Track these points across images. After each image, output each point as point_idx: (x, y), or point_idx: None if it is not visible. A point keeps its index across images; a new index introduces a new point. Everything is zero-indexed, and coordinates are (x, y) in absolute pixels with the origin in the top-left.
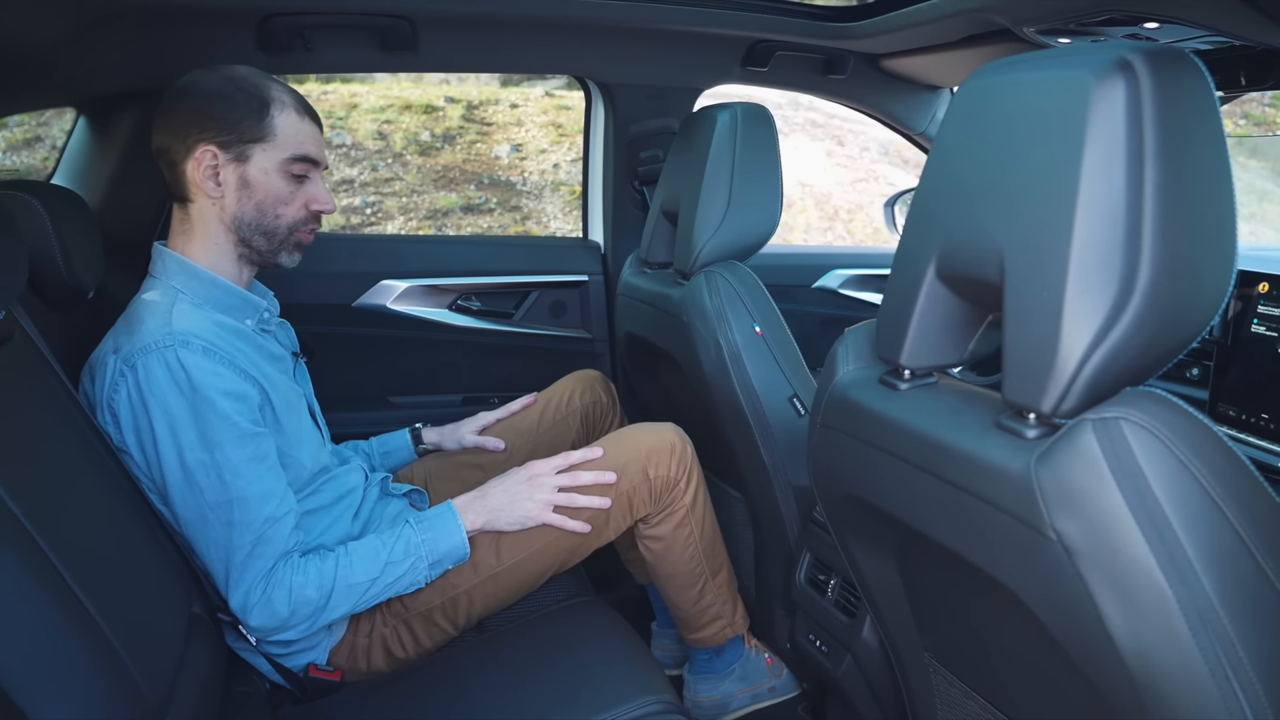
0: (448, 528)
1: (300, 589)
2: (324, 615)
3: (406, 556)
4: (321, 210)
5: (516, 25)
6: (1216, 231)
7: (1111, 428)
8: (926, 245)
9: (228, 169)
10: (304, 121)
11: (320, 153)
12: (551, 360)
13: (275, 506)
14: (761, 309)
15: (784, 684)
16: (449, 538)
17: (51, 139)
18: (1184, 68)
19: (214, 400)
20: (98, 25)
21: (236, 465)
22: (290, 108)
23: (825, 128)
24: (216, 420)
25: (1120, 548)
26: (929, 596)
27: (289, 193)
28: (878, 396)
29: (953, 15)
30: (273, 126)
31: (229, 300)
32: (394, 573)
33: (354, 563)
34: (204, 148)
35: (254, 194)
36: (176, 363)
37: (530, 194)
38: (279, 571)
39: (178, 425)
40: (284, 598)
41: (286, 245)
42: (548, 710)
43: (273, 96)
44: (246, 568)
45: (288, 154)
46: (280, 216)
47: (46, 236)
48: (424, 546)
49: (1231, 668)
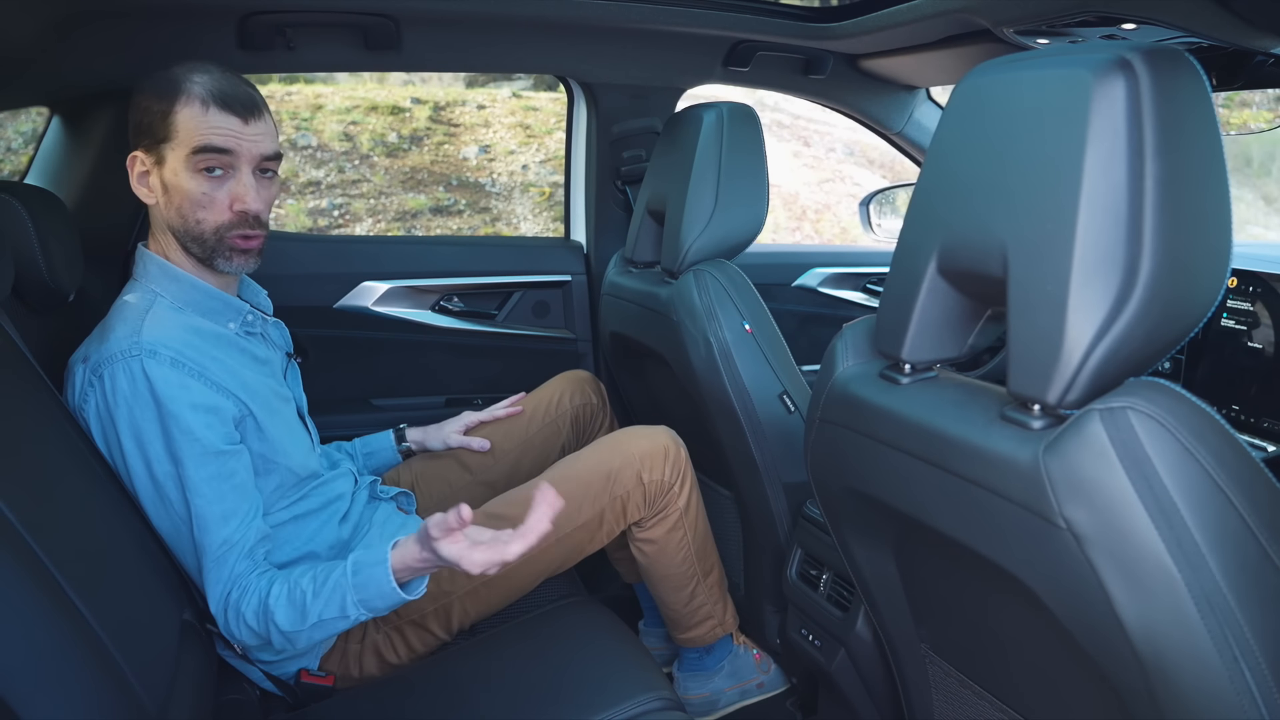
0: (382, 589)
1: (243, 617)
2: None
3: (343, 615)
4: (243, 209)
5: (500, 25)
6: (1213, 225)
7: (1119, 417)
8: (927, 241)
9: (154, 173)
10: (210, 111)
11: (231, 142)
12: (535, 360)
13: (233, 529)
14: (751, 307)
15: (772, 680)
16: (384, 598)
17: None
18: (1180, 66)
19: (178, 414)
20: (73, 24)
21: (196, 483)
22: (196, 99)
23: (791, 128)
24: (180, 435)
25: (1129, 534)
26: (926, 588)
27: (203, 194)
28: (879, 391)
29: (933, 16)
30: (174, 122)
31: (209, 303)
32: (333, 627)
33: (279, 606)
34: (133, 154)
35: (173, 198)
36: (141, 374)
37: (499, 195)
38: (234, 596)
39: (143, 437)
40: (235, 622)
41: (221, 251)
42: (546, 712)
43: (182, 90)
44: (210, 589)
45: (188, 149)
46: (201, 221)
47: (28, 238)
48: (359, 605)
49: (1239, 648)
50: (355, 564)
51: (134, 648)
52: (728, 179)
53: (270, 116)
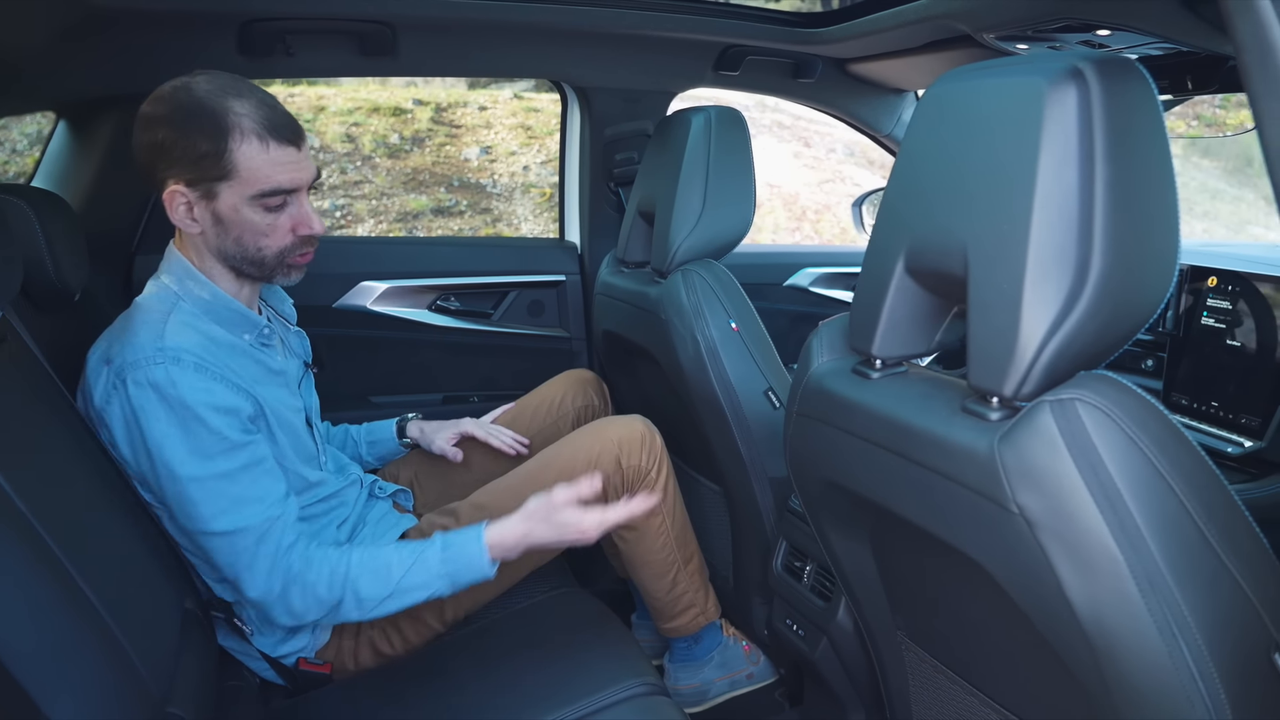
0: (473, 562)
1: (312, 586)
2: (336, 616)
3: (426, 585)
4: (309, 233)
5: (494, 30)
6: (1161, 226)
7: (1068, 408)
8: (895, 242)
9: (199, 206)
10: (269, 149)
11: (296, 178)
12: (530, 359)
13: (272, 507)
14: (737, 305)
15: (761, 670)
16: (473, 571)
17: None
18: (1130, 75)
19: (204, 417)
20: (78, 30)
21: (232, 473)
22: (252, 135)
23: (792, 129)
24: (207, 435)
25: (1076, 518)
26: (901, 577)
27: (267, 224)
28: (851, 385)
29: (916, 22)
30: (234, 162)
31: (226, 314)
32: (412, 596)
33: (364, 571)
34: (172, 186)
35: (230, 230)
36: (167, 379)
37: (500, 196)
38: (293, 566)
39: (170, 440)
40: (298, 594)
41: (280, 270)
42: (535, 696)
43: (231, 124)
44: (255, 568)
45: (254, 190)
46: (264, 248)
47: (35, 239)
48: (448, 577)
49: (1177, 626)
50: (445, 540)
51: (139, 634)
52: (715, 180)
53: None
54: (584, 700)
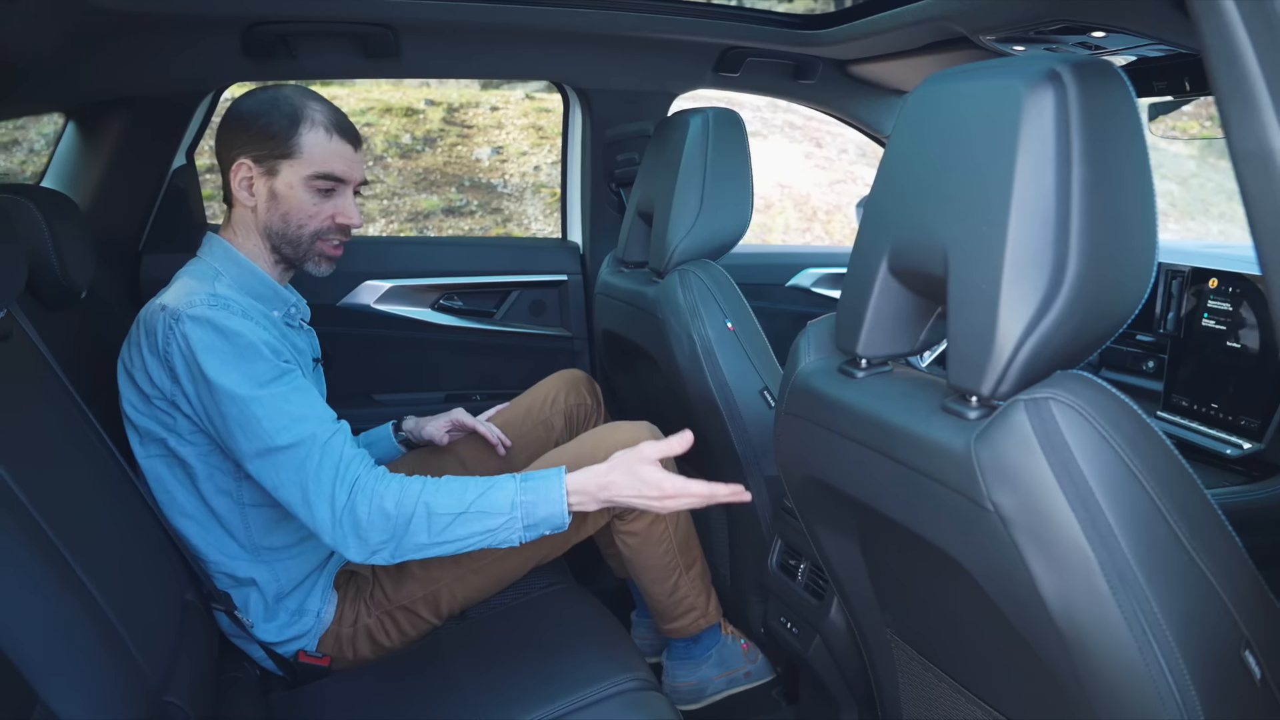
0: (550, 495)
1: (379, 499)
2: (404, 538)
3: (500, 511)
4: (346, 223)
5: (496, 32)
6: (1138, 228)
7: (1041, 407)
8: (879, 242)
9: (260, 181)
10: (333, 140)
11: (349, 171)
12: (532, 358)
13: (330, 423)
14: (733, 305)
15: (759, 669)
16: (549, 505)
17: (29, 142)
18: (1108, 79)
19: (256, 345)
20: (85, 34)
21: (287, 393)
22: (320, 126)
23: (804, 129)
24: (259, 361)
25: (1049, 515)
26: (888, 574)
27: (313, 205)
28: (836, 384)
29: (914, 24)
30: (300, 144)
31: (262, 290)
32: (483, 523)
33: (439, 490)
34: (240, 160)
35: (280, 205)
36: (221, 315)
37: (511, 196)
38: (360, 478)
39: (228, 366)
40: (365, 504)
41: (311, 255)
42: (528, 689)
43: (305, 115)
44: (321, 478)
45: (311, 170)
46: (303, 227)
47: (42, 238)
48: (523, 507)
49: (1147, 622)
50: (524, 475)
51: (137, 624)
52: (713, 182)
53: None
54: (575, 694)
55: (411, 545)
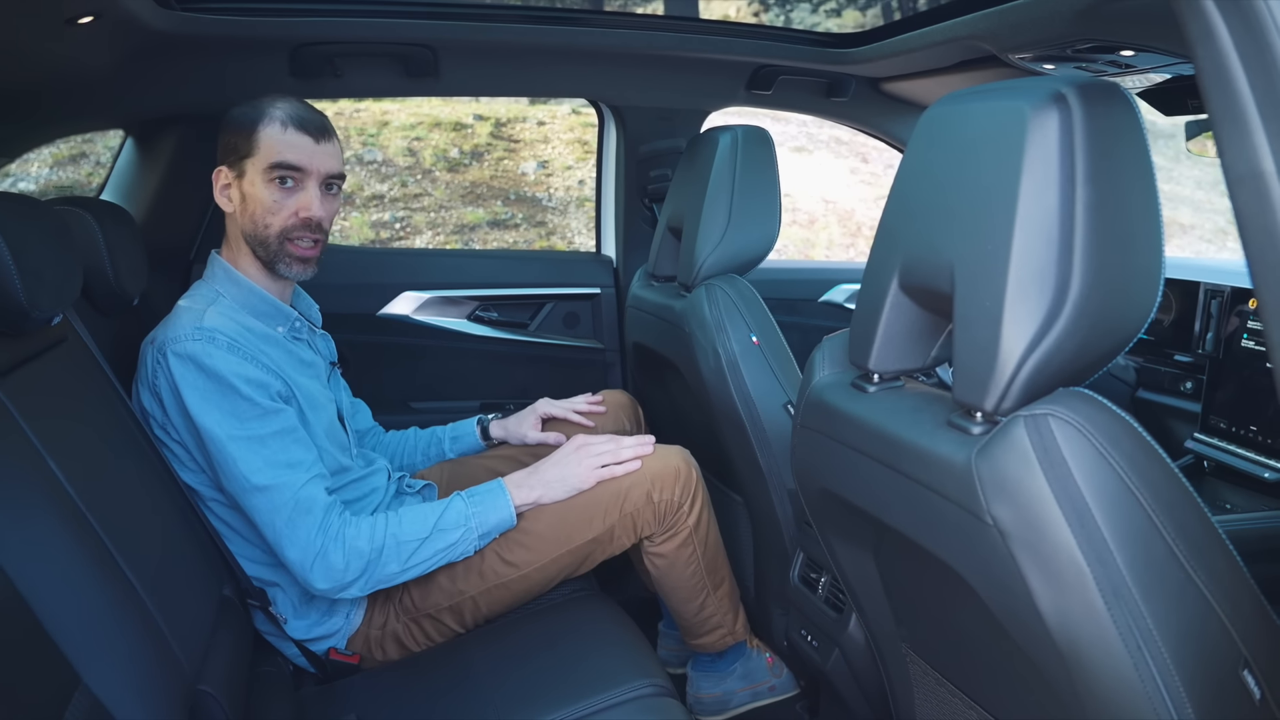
0: (497, 502)
1: (352, 540)
2: (376, 570)
3: (456, 526)
4: (309, 216)
5: (532, 52)
6: (1144, 249)
7: (1040, 423)
8: (890, 259)
9: (234, 185)
10: (288, 132)
11: (307, 161)
12: (565, 369)
13: (309, 470)
14: (758, 320)
15: (784, 683)
16: (498, 511)
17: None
18: (1114, 100)
19: (235, 385)
20: (145, 55)
21: (265, 437)
22: (276, 121)
23: (849, 144)
24: (240, 400)
25: (1046, 530)
26: (902, 587)
27: (274, 201)
28: (848, 398)
29: (944, 43)
30: (257, 140)
31: (262, 307)
32: (444, 540)
33: (403, 521)
34: (218, 169)
35: (249, 205)
36: (203, 351)
37: (555, 209)
38: (330, 524)
39: (208, 404)
40: (338, 550)
41: (281, 256)
42: (546, 689)
43: (264, 114)
44: (296, 526)
45: (267, 162)
46: (269, 226)
47: (98, 248)
48: (474, 519)
49: (1142, 637)
50: (469, 491)
51: (175, 615)
52: (741, 198)
53: (338, 141)
54: (592, 698)
55: (383, 576)
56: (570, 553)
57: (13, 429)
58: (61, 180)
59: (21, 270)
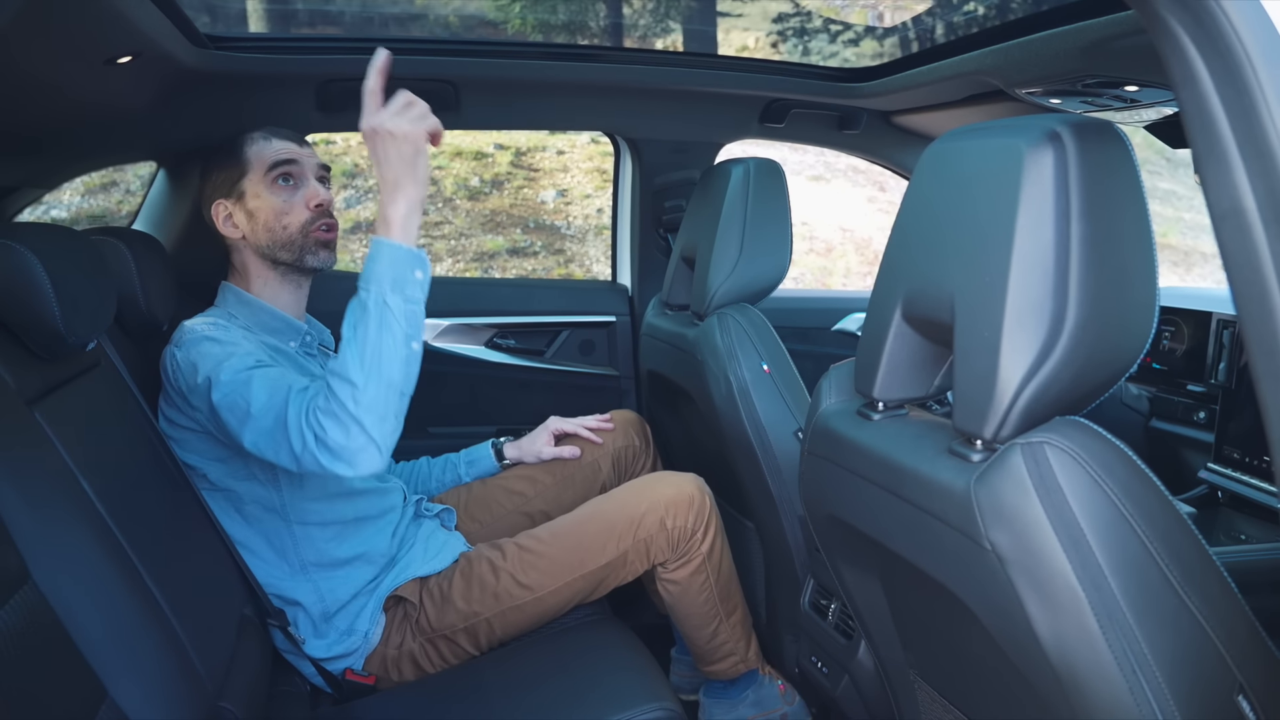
0: (392, 254)
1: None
2: (357, 396)
3: (361, 305)
4: (320, 203)
5: (550, 87)
6: (1138, 281)
7: (1037, 451)
8: (893, 290)
9: (236, 210)
10: (271, 141)
11: (296, 155)
12: (580, 396)
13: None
14: (770, 348)
15: (796, 711)
16: (395, 260)
17: (125, 183)
18: (1107, 137)
19: (234, 349)
20: (179, 92)
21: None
22: (259, 138)
23: (867, 174)
24: (239, 358)
25: (1042, 556)
26: (909, 613)
27: (283, 201)
28: (854, 426)
29: (952, 77)
30: (246, 157)
31: (274, 323)
32: (366, 328)
33: (347, 368)
34: (215, 203)
35: (259, 218)
36: (208, 330)
37: (574, 238)
38: (309, 407)
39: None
40: (324, 400)
41: (308, 247)
42: (559, 712)
43: (244, 139)
44: (293, 425)
45: (264, 168)
46: (288, 226)
47: (130, 276)
48: (374, 292)
49: (1137, 662)
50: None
51: (198, 633)
52: (753, 229)
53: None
54: (601, 718)
55: (373, 400)
56: (584, 577)
57: (48, 449)
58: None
59: (60, 299)
